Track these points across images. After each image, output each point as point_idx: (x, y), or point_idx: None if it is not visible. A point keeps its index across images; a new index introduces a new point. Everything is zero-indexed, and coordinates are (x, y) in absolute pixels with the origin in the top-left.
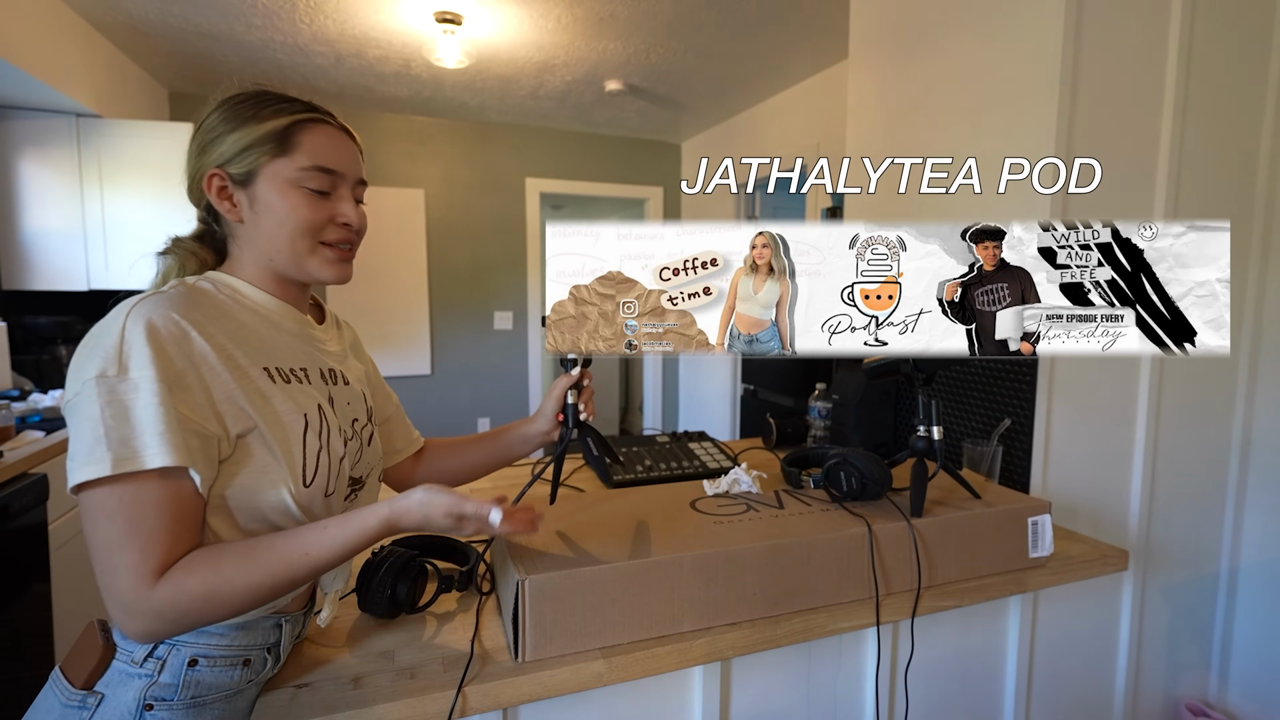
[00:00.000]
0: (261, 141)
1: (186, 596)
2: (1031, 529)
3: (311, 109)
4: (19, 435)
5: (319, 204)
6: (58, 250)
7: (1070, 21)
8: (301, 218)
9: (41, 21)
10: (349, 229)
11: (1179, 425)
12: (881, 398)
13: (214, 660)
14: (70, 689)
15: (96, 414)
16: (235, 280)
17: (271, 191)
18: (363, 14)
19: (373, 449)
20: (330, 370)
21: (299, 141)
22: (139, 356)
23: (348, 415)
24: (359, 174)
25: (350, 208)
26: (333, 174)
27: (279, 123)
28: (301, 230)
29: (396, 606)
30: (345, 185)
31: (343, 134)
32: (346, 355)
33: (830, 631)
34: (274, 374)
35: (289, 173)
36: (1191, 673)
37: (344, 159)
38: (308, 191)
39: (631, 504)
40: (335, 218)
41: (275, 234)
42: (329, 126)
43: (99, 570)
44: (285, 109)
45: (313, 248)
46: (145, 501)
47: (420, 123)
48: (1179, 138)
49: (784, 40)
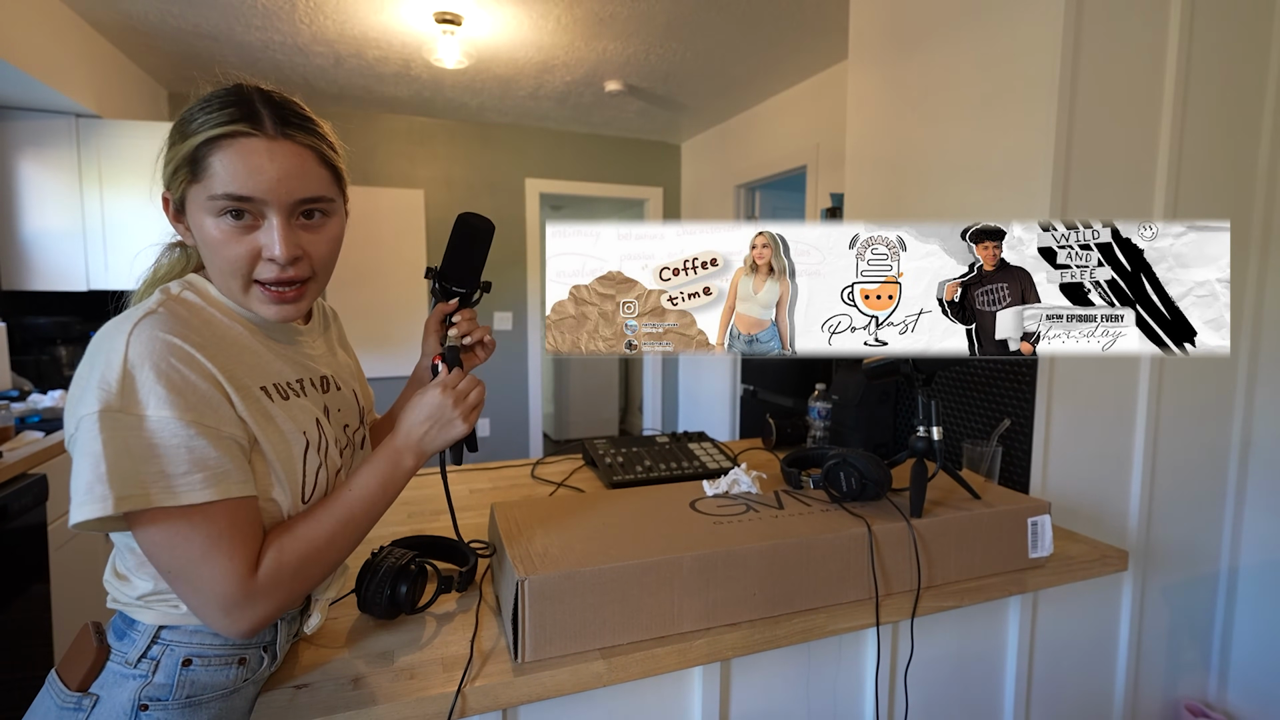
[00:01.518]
0: (181, 164)
1: (286, 569)
2: (1031, 529)
3: (238, 119)
4: (18, 435)
5: (239, 236)
6: (57, 250)
7: (1070, 21)
8: (219, 255)
9: (41, 22)
10: (275, 264)
11: (1179, 426)
12: (881, 398)
13: (208, 660)
14: (65, 691)
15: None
16: (213, 289)
17: (195, 221)
18: (362, 14)
19: (364, 451)
20: (323, 378)
21: (209, 164)
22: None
23: (340, 422)
24: (298, 195)
25: (277, 238)
26: (248, 200)
27: (192, 142)
28: (224, 268)
29: (396, 607)
30: (273, 210)
31: (280, 145)
32: (335, 351)
33: (830, 632)
34: (271, 392)
35: (202, 200)
36: (1191, 673)
37: (265, 179)
38: (227, 222)
39: (631, 504)
40: (260, 251)
41: (212, 269)
42: (256, 140)
43: (186, 587)
44: (207, 123)
45: (244, 286)
46: (219, 516)
47: (420, 123)
48: (1178, 138)
49: (783, 40)
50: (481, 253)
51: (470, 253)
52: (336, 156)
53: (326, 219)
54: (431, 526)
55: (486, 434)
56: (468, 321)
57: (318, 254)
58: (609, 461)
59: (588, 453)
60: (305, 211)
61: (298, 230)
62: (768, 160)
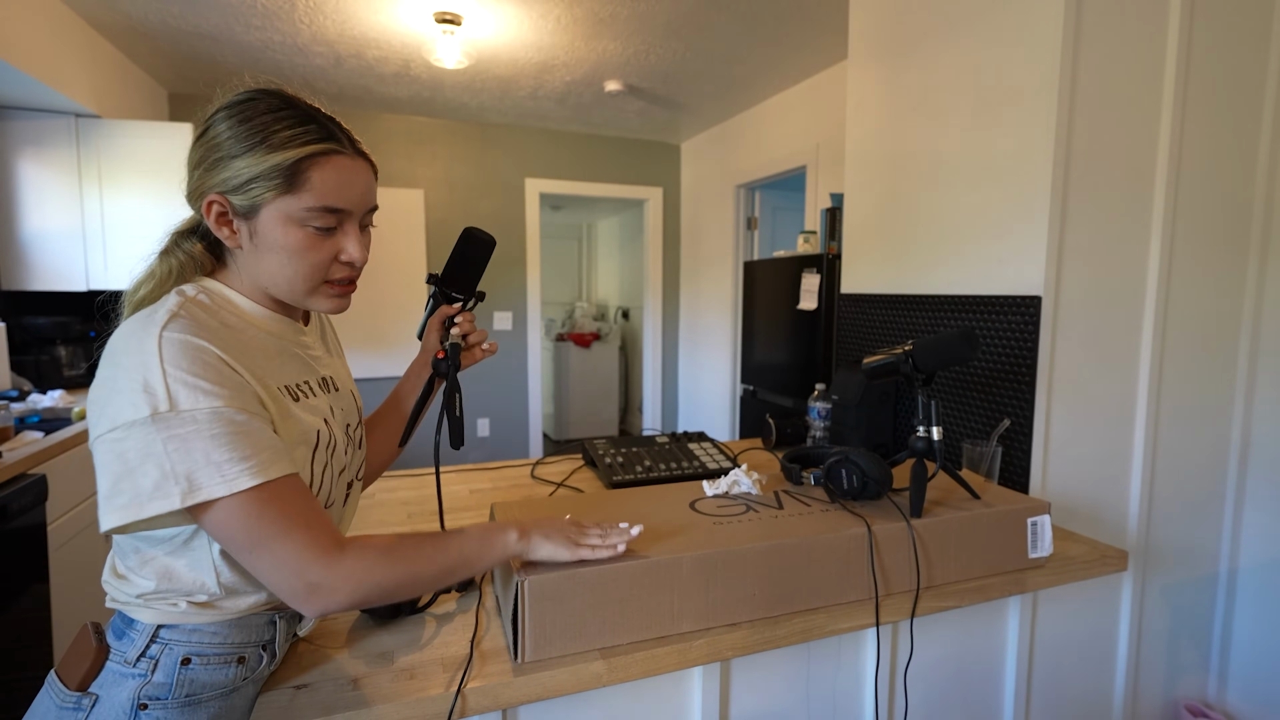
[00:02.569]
0: (268, 175)
1: (371, 556)
2: (1031, 529)
3: (327, 138)
4: (18, 436)
5: (322, 244)
6: (57, 251)
7: (1069, 22)
8: (304, 261)
9: (41, 22)
10: (352, 267)
11: (1178, 426)
12: (881, 398)
13: (207, 659)
14: (65, 691)
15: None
16: (231, 294)
17: (274, 230)
18: (362, 14)
19: (363, 450)
20: (325, 379)
21: (309, 179)
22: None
23: (342, 422)
24: (370, 203)
25: (355, 244)
26: (341, 212)
27: (289, 155)
28: (300, 270)
29: (396, 607)
30: (353, 220)
31: (359, 162)
32: (331, 354)
33: (830, 632)
34: (289, 392)
35: (294, 211)
36: (1191, 673)
37: (355, 194)
38: (312, 231)
39: (631, 505)
40: (339, 256)
41: (275, 272)
42: (344, 158)
43: (268, 561)
44: (298, 138)
45: (314, 287)
46: (282, 494)
47: (420, 123)
48: (1178, 138)
49: (783, 41)
50: (481, 264)
51: (471, 264)
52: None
53: (371, 227)
54: (431, 527)
55: (487, 434)
56: (469, 323)
57: (365, 258)
58: (609, 462)
59: (587, 453)
60: (366, 219)
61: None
62: (768, 160)
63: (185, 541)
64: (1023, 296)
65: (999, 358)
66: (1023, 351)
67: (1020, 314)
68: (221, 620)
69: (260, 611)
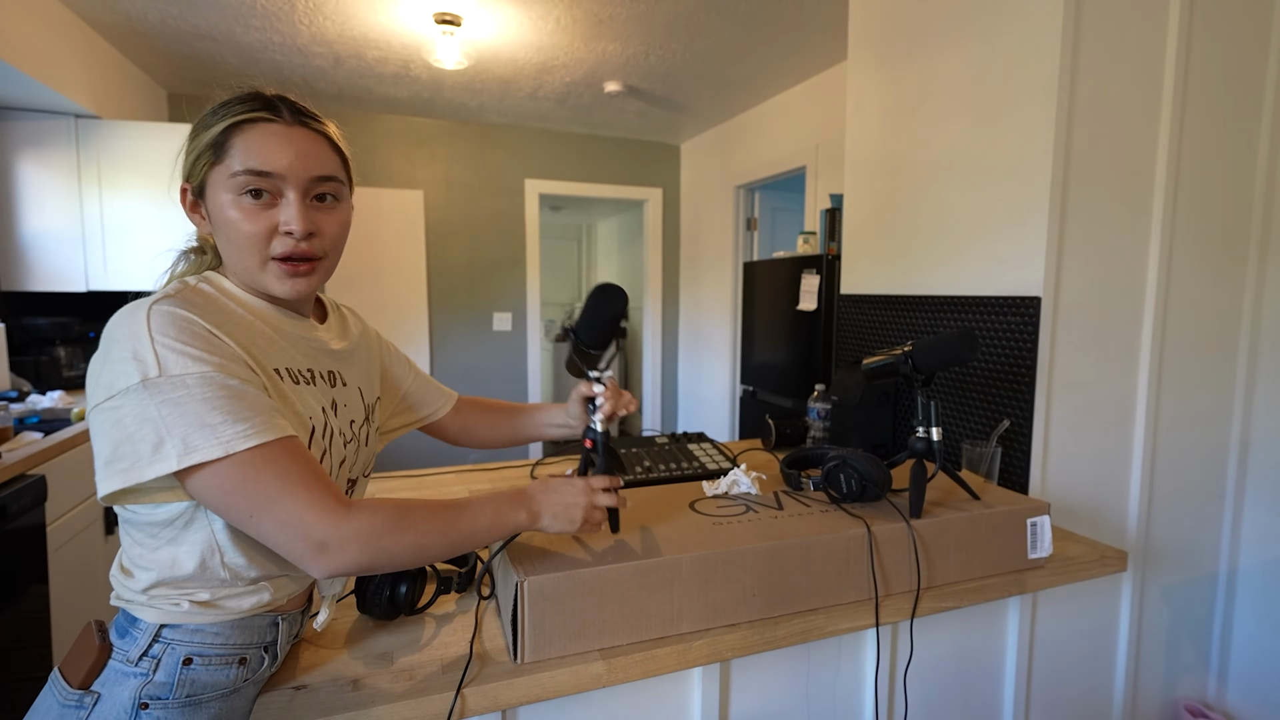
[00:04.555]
0: (204, 150)
1: (381, 518)
2: (1030, 530)
3: (258, 108)
4: (17, 436)
5: (258, 214)
6: (56, 251)
7: (1069, 23)
8: (239, 231)
9: (40, 22)
10: (291, 238)
11: (1178, 426)
12: (880, 399)
13: (209, 659)
14: (68, 689)
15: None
16: (231, 285)
17: (215, 203)
18: (362, 15)
19: (369, 449)
20: (330, 373)
21: (232, 144)
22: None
23: (346, 417)
24: (312, 171)
25: (293, 213)
26: (268, 176)
27: (217, 127)
28: (242, 244)
29: (395, 608)
30: (291, 187)
31: (296, 129)
32: (353, 350)
33: (830, 633)
34: (284, 374)
35: (222, 179)
36: (1190, 674)
37: (283, 157)
38: (247, 201)
39: (631, 505)
40: (277, 226)
41: (226, 249)
42: (274, 124)
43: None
44: (228, 111)
45: (261, 262)
46: (280, 456)
47: (419, 124)
48: (1177, 138)
49: (783, 42)
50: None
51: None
52: (345, 147)
53: (337, 203)
54: None
55: None
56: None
57: (329, 233)
58: None
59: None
60: (318, 195)
61: (312, 210)
62: (767, 161)
63: (186, 524)
64: (1022, 297)
65: (998, 358)
66: (1022, 352)
67: (1020, 314)
68: (224, 621)
69: (262, 613)
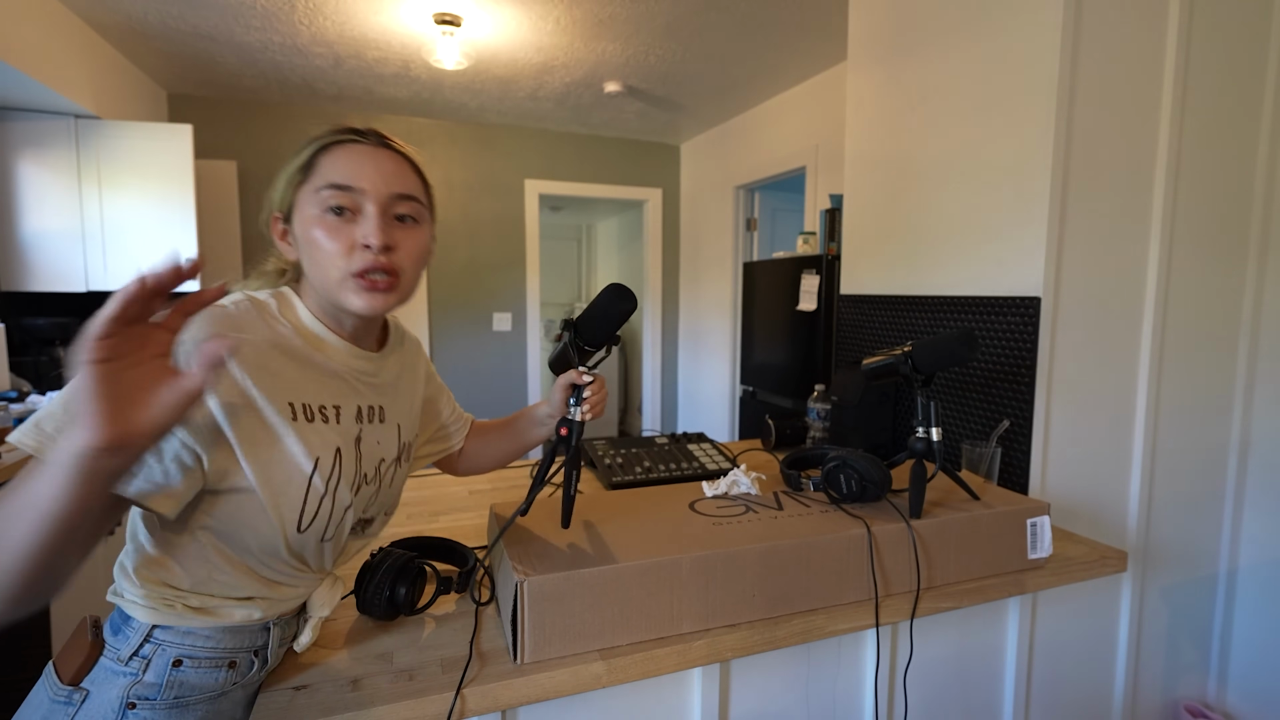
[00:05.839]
0: (294, 174)
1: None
2: (1030, 530)
3: (347, 133)
4: None
5: (339, 229)
6: (56, 251)
7: (1068, 23)
8: (320, 249)
9: (40, 23)
10: (370, 251)
11: (1177, 426)
12: (880, 399)
13: (199, 661)
14: (58, 684)
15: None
16: (298, 303)
17: (300, 222)
18: (362, 15)
19: (393, 489)
20: (369, 408)
21: (318, 164)
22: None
23: (374, 456)
24: (395, 189)
25: (372, 227)
26: (349, 190)
27: (306, 152)
28: (323, 261)
29: (395, 608)
30: (370, 202)
31: (381, 151)
32: (399, 381)
33: (830, 633)
34: (297, 409)
35: (309, 196)
36: (1190, 674)
37: (366, 173)
38: (329, 217)
39: (630, 505)
40: (355, 242)
41: (310, 268)
42: (356, 145)
43: None
44: (320, 139)
45: (341, 279)
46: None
47: (419, 124)
48: (1177, 138)
49: (783, 42)
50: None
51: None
52: (427, 175)
53: (417, 225)
54: (431, 528)
55: None
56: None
57: (407, 250)
58: (608, 463)
59: (587, 454)
60: (399, 215)
61: (391, 227)
62: (767, 161)
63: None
64: (1022, 297)
65: (998, 359)
66: (1022, 352)
67: (1019, 315)
68: (216, 625)
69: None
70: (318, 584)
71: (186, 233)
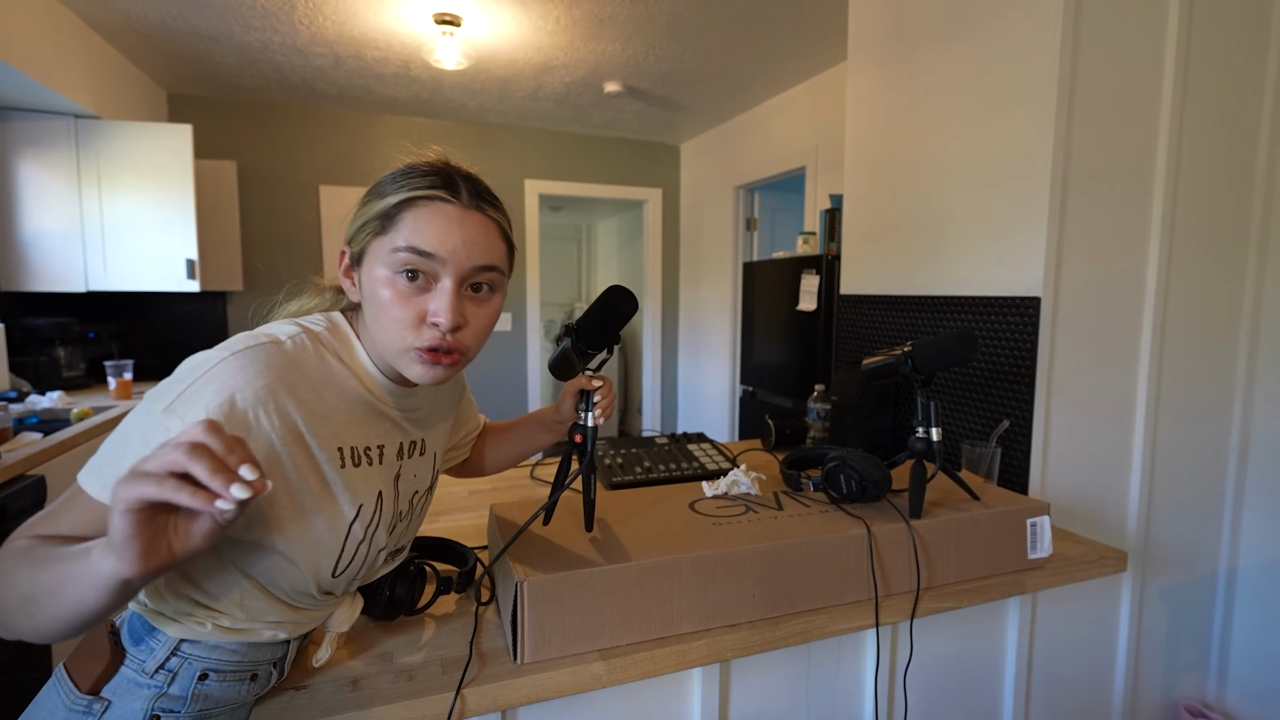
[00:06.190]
0: (372, 219)
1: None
2: (1030, 530)
3: (438, 186)
4: (16, 437)
5: (410, 297)
6: (56, 252)
7: (1068, 23)
8: (387, 314)
9: (40, 23)
10: (438, 330)
11: (1177, 426)
12: (880, 399)
13: (224, 675)
14: (75, 692)
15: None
16: (354, 339)
17: (370, 275)
18: (361, 15)
19: (421, 517)
20: (412, 443)
21: (401, 218)
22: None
23: (410, 489)
24: (476, 261)
25: (445, 304)
26: (429, 257)
27: (392, 199)
28: (387, 326)
29: (395, 608)
30: (449, 275)
31: (471, 215)
32: (436, 408)
33: (829, 633)
34: (345, 455)
35: (384, 253)
36: (1190, 674)
37: (450, 241)
38: (402, 281)
39: (630, 506)
40: (425, 315)
41: (372, 324)
42: (449, 205)
43: None
44: (410, 184)
45: (403, 349)
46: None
47: (419, 124)
48: (1177, 138)
49: (783, 42)
50: (621, 324)
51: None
52: (513, 236)
53: (493, 293)
54: (431, 528)
55: None
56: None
57: (477, 326)
58: (608, 463)
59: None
60: (475, 284)
61: (464, 300)
62: (767, 161)
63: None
64: (1022, 298)
65: (998, 359)
66: (1022, 352)
67: (1019, 315)
68: (244, 641)
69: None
70: (339, 604)
71: (186, 233)
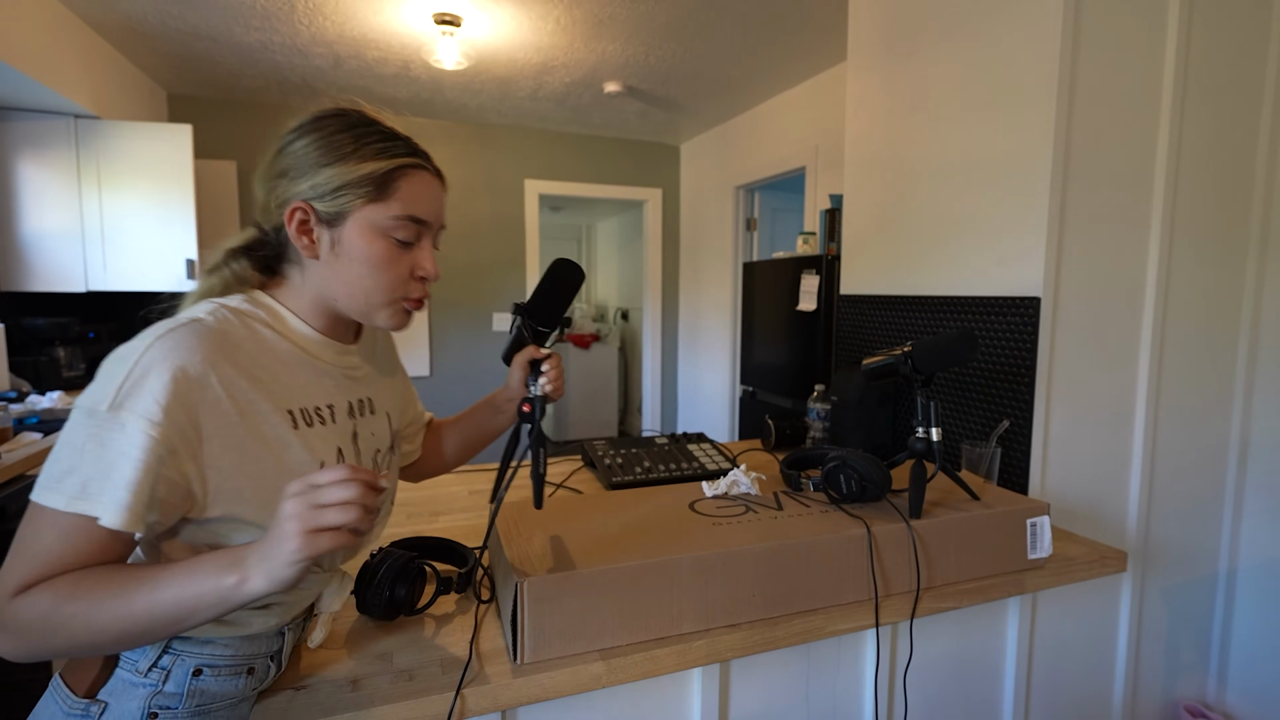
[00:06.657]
0: (359, 184)
1: (32, 613)
2: (1030, 530)
3: (414, 153)
4: (16, 437)
5: (401, 257)
6: (56, 251)
7: (1068, 22)
8: (384, 274)
9: (40, 23)
10: (425, 283)
11: (1177, 426)
12: (880, 399)
13: (219, 670)
14: (72, 697)
15: (79, 444)
16: (280, 308)
17: (358, 237)
18: (361, 15)
19: (391, 479)
20: (360, 401)
21: (398, 188)
22: (144, 401)
23: (370, 448)
24: (443, 220)
25: (429, 259)
26: (422, 224)
27: (381, 165)
28: (383, 286)
29: (395, 608)
30: (429, 234)
31: (437, 180)
32: (379, 368)
33: (829, 633)
34: (297, 417)
35: (380, 220)
36: (1190, 674)
37: (435, 207)
38: (394, 243)
39: (630, 506)
40: (414, 271)
41: (352, 282)
42: (427, 174)
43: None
44: (390, 150)
45: (388, 301)
46: (61, 529)
47: (419, 124)
48: (1176, 138)
49: (783, 42)
50: (570, 297)
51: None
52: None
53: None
54: (431, 528)
55: None
56: (557, 373)
57: (437, 275)
58: (608, 463)
59: (587, 454)
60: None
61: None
62: (767, 161)
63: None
64: (1022, 297)
65: (998, 359)
66: (1022, 352)
67: (1019, 315)
68: (235, 634)
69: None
70: (328, 582)
71: (186, 233)
